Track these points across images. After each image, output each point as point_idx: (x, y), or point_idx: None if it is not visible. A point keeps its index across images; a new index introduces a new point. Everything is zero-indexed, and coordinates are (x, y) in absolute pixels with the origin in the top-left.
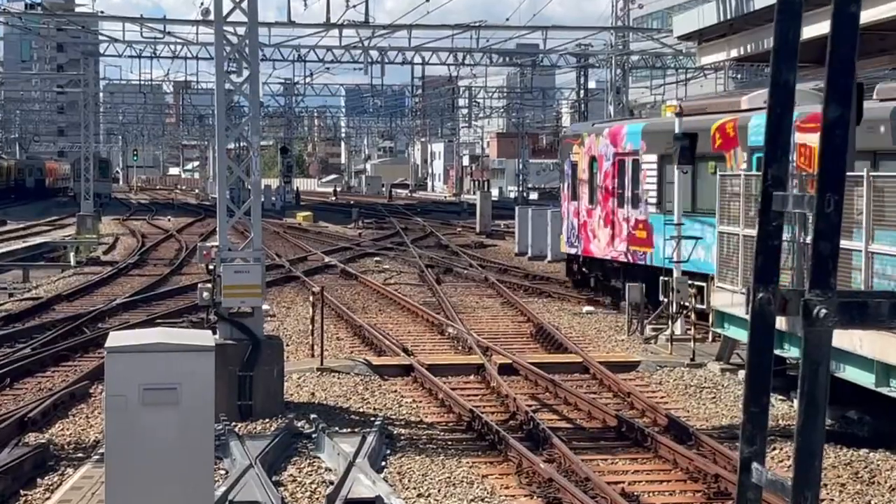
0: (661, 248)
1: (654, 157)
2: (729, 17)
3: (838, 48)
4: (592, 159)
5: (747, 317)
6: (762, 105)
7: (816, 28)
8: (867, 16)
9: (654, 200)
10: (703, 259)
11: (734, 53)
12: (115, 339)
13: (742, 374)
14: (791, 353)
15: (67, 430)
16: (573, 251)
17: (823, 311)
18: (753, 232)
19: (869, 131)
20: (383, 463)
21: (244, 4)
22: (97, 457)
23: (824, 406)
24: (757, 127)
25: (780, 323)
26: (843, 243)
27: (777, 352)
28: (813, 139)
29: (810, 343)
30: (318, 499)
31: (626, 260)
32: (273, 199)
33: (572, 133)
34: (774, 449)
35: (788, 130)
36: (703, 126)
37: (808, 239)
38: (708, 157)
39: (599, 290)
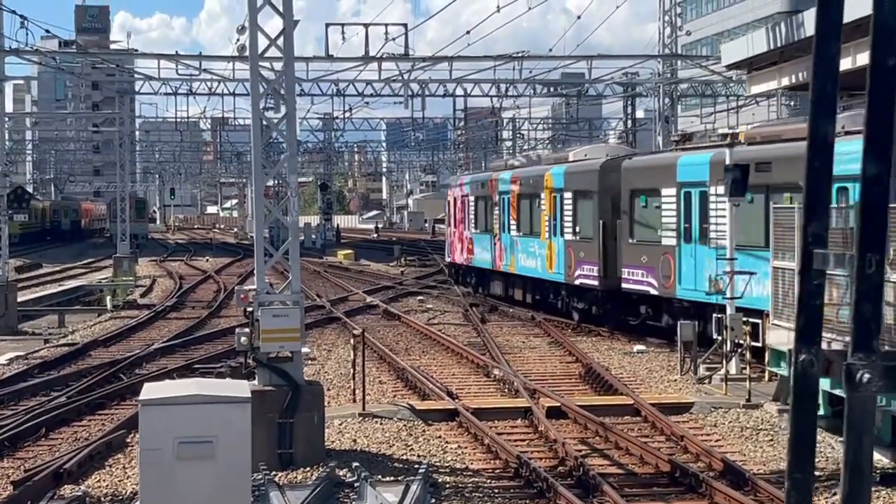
0: (479, 254)
1: (473, 198)
2: (779, 44)
3: (876, 104)
4: (455, 199)
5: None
6: (518, 166)
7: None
8: None
9: (473, 225)
10: None
11: (785, 82)
12: (150, 390)
13: None
14: None
15: (104, 481)
16: (449, 260)
17: (867, 375)
18: None
19: None
20: None
21: (280, 41)
22: None
23: (869, 474)
24: (500, 181)
25: None
26: None
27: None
28: (516, 189)
29: (853, 409)
30: None
31: (466, 264)
32: (313, 236)
33: (448, 182)
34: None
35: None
36: (485, 179)
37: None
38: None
39: (462, 284)
